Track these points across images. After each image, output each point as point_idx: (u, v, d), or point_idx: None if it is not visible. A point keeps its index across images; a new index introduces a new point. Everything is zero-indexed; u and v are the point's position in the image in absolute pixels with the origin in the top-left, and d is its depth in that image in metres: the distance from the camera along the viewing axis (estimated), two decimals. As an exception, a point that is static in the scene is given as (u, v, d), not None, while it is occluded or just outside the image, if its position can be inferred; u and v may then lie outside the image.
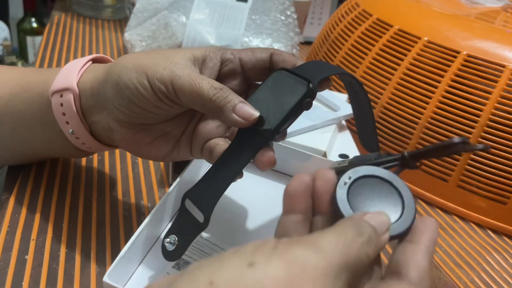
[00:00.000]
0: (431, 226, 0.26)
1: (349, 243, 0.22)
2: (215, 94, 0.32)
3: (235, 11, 0.71)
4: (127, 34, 0.69)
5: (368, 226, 0.24)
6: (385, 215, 0.26)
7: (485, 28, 0.59)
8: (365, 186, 0.27)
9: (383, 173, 0.28)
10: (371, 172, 0.28)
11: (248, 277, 0.19)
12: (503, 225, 0.52)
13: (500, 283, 0.46)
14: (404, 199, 0.27)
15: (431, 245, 0.26)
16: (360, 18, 0.67)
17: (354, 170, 0.27)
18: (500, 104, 0.52)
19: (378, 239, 0.24)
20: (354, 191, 0.27)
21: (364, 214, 0.25)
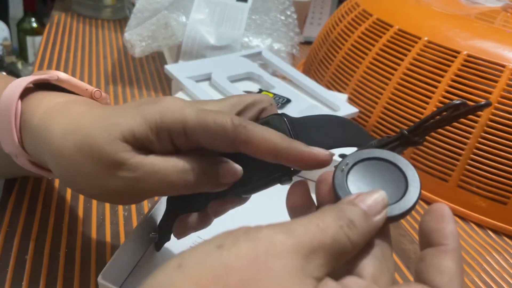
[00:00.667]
0: (444, 217, 0.24)
1: (325, 226, 0.21)
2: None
3: (235, 11, 0.71)
4: (127, 34, 0.69)
5: (351, 209, 0.23)
6: (380, 194, 0.24)
7: (485, 28, 0.59)
8: (364, 169, 0.26)
9: (383, 154, 0.26)
10: (371, 155, 0.26)
11: (215, 258, 0.19)
12: (503, 225, 0.52)
13: (500, 283, 0.46)
14: (408, 176, 0.25)
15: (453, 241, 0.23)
16: (360, 18, 0.67)
17: (352, 154, 0.26)
18: (500, 104, 0.52)
19: (366, 220, 0.23)
20: (354, 176, 0.26)
21: (357, 196, 0.24)
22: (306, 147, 0.27)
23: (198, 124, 0.28)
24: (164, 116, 0.28)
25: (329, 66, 0.69)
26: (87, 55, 0.82)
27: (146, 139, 0.28)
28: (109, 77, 0.75)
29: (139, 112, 0.29)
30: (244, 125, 0.28)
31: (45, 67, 0.75)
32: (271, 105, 0.33)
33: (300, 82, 0.63)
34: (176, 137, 0.29)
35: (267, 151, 0.27)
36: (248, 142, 0.27)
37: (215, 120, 0.28)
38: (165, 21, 0.68)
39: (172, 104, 0.29)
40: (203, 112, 0.28)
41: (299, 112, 0.56)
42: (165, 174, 0.28)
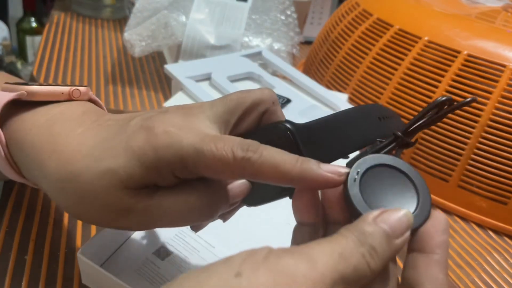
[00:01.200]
0: (441, 226, 0.24)
1: (347, 254, 0.20)
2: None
3: (235, 11, 0.71)
4: (126, 33, 0.69)
5: (372, 233, 0.21)
6: (405, 214, 0.22)
7: (486, 27, 0.59)
8: (374, 177, 0.25)
9: (388, 160, 0.26)
10: (377, 161, 0.25)
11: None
12: (504, 225, 0.52)
13: (501, 284, 0.45)
14: (415, 182, 0.25)
15: (444, 252, 0.23)
16: (360, 17, 0.67)
17: (359, 163, 0.25)
18: (500, 104, 0.52)
19: (389, 244, 0.22)
20: (366, 185, 0.25)
21: (381, 213, 0.22)
22: (318, 169, 0.24)
23: (199, 161, 0.25)
24: (160, 154, 0.25)
25: (329, 66, 0.69)
26: (87, 55, 0.81)
27: (147, 179, 0.26)
28: (108, 77, 0.75)
29: (131, 150, 0.26)
30: (248, 158, 0.24)
31: (45, 67, 0.75)
32: (273, 104, 0.30)
33: (300, 82, 0.63)
34: (178, 172, 0.26)
35: (277, 180, 0.25)
36: (255, 175, 0.25)
37: (215, 154, 0.25)
38: (165, 21, 0.68)
39: (167, 135, 0.26)
40: (203, 145, 0.25)
41: (300, 112, 0.56)
42: (177, 214, 0.27)
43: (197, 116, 0.27)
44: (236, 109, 0.29)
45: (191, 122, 0.27)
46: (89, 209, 0.27)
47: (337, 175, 0.24)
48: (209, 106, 0.28)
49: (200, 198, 0.27)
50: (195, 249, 0.38)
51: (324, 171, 0.24)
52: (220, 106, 0.28)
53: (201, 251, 0.38)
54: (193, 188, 0.27)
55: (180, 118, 0.27)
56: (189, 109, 0.28)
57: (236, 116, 0.29)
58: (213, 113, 0.28)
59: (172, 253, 0.37)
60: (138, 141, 0.26)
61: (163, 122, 0.26)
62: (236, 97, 0.29)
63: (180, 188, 0.27)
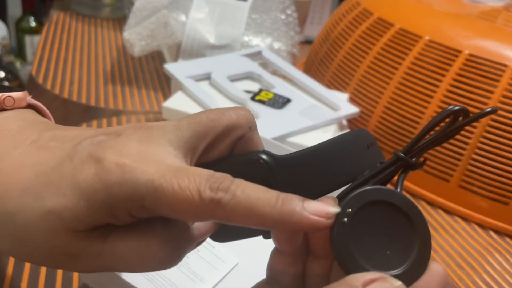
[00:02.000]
0: (436, 285, 0.21)
1: None
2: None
3: (235, 10, 0.70)
4: (126, 33, 0.69)
5: None
6: (396, 284, 0.20)
7: (487, 27, 0.58)
8: (367, 220, 0.22)
9: (385, 195, 0.22)
10: (371, 197, 0.22)
11: None
12: (505, 226, 0.52)
13: (501, 284, 0.45)
14: (416, 228, 0.22)
15: None
16: (361, 17, 0.66)
17: (350, 199, 0.22)
18: (502, 103, 0.51)
19: None
20: (356, 231, 0.21)
21: (370, 282, 0.20)
22: (302, 211, 0.20)
23: (159, 201, 0.21)
24: (112, 193, 0.21)
25: (329, 65, 0.69)
26: (86, 54, 0.81)
27: (98, 220, 0.22)
28: (108, 77, 0.74)
29: (78, 187, 0.21)
30: (218, 200, 0.20)
31: (44, 66, 0.75)
32: (250, 129, 0.25)
33: (300, 81, 0.63)
34: (135, 212, 0.22)
35: (252, 225, 0.21)
36: (226, 219, 0.21)
37: (177, 195, 0.20)
38: (165, 20, 0.68)
39: (120, 170, 0.21)
40: (163, 182, 0.21)
41: (300, 111, 0.56)
42: (135, 260, 0.23)
43: (157, 141, 0.23)
44: (206, 134, 0.24)
45: (150, 150, 0.22)
46: (31, 253, 0.23)
47: (325, 218, 0.21)
48: (173, 129, 0.24)
49: (162, 244, 0.23)
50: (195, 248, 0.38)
51: (309, 213, 0.20)
52: (186, 129, 0.24)
53: (201, 250, 0.38)
54: (154, 232, 0.23)
55: (137, 144, 0.22)
56: (148, 131, 0.23)
57: (205, 142, 0.24)
58: (178, 137, 0.23)
59: None
60: (86, 175, 0.21)
61: (115, 150, 0.22)
62: (207, 119, 0.24)
63: (139, 231, 0.23)
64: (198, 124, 0.24)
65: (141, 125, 0.24)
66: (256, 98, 0.57)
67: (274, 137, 0.49)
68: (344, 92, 0.64)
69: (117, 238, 0.23)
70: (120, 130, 0.24)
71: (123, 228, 0.23)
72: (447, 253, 0.48)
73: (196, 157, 0.24)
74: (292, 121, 0.54)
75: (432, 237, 0.50)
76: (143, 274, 0.34)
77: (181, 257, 0.24)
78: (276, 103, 0.56)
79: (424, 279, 0.21)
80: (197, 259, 0.38)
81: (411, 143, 0.24)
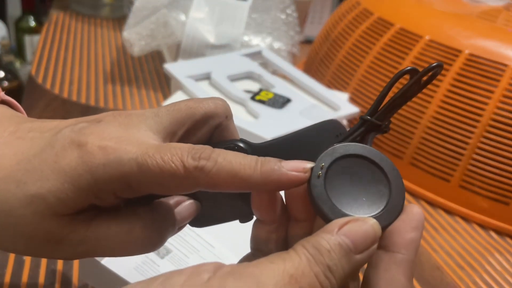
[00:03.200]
0: (412, 223, 0.21)
1: (298, 276, 0.18)
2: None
3: (235, 10, 0.70)
4: (126, 32, 0.69)
5: (329, 251, 0.19)
6: (371, 227, 0.20)
7: (487, 27, 0.58)
8: (341, 171, 0.23)
9: (356, 149, 0.23)
10: (343, 152, 0.23)
11: None
12: (506, 226, 0.52)
13: (502, 285, 0.45)
14: (389, 175, 0.23)
15: (411, 252, 0.21)
16: (361, 16, 0.66)
17: (323, 155, 0.23)
18: (502, 103, 0.51)
19: (349, 262, 0.20)
20: (331, 181, 0.22)
21: (345, 223, 0.20)
22: (281, 168, 0.22)
23: (144, 177, 0.21)
24: (97, 175, 0.21)
25: (329, 65, 0.69)
26: (86, 54, 0.81)
27: (82, 203, 0.22)
28: (107, 76, 0.74)
29: (62, 171, 0.22)
30: (202, 167, 0.21)
31: (43, 66, 0.75)
32: (227, 118, 0.27)
33: (300, 81, 0.63)
34: (120, 193, 0.22)
35: (236, 188, 0.22)
36: (211, 185, 0.22)
37: (162, 168, 0.21)
38: (165, 20, 0.68)
39: (104, 152, 0.22)
40: (147, 158, 0.21)
41: (300, 111, 0.56)
42: (118, 245, 0.23)
43: (137, 126, 0.24)
44: (185, 121, 0.25)
45: (130, 133, 0.23)
46: (13, 241, 0.23)
47: (302, 172, 0.22)
48: (152, 115, 0.25)
49: (145, 228, 0.24)
50: (195, 248, 0.38)
51: (287, 169, 0.22)
52: (165, 115, 0.25)
53: (201, 250, 0.38)
54: (138, 216, 0.24)
55: (117, 128, 0.23)
56: (127, 118, 0.24)
57: (184, 128, 0.25)
58: (157, 123, 0.24)
59: (171, 252, 0.37)
60: (69, 160, 0.22)
61: (97, 135, 0.22)
62: (186, 107, 0.25)
63: (122, 216, 0.24)
64: (177, 111, 0.25)
65: (120, 112, 0.25)
66: (256, 98, 0.57)
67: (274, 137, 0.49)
68: (344, 92, 0.64)
69: (100, 223, 0.23)
70: (99, 117, 0.24)
71: (107, 213, 0.23)
72: (447, 253, 0.48)
73: (174, 142, 0.25)
74: (292, 121, 0.54)
75: (433, 237, 0.50)
76: (144, 274, 0.34)
77: (163, 241, 0.25)
78: (276, 103, 0.56)
79: (400, 218, 0.22)
80: (197, 259, 0.37)
81: (374, 105, 0.25)
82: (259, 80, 0.63)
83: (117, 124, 0.24)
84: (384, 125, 0.25)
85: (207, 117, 0.26)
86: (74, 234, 0.23)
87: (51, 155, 0.22)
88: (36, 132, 0.24)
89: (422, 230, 0.22)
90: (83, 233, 0.23)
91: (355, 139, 0.25)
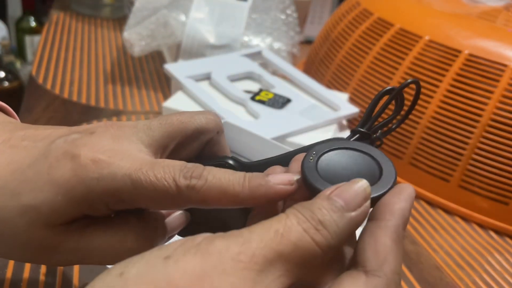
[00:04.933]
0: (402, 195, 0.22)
1: (284, 230, 0.19)
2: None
3: (235, 10, 0.70)
4: (126, 33, 0.69)
5: (321, 207, 0.20)
6: (361, 184, 0.21)
7: (487, 27, 0.58)
8: (333, 158, 0.24)
9: (346, 143, 0.25)
10: (335, 146, 0.24)
11: (159, 270, 0.17)
12: (505, 226, 0.52)
13: (502, 284, 0.45)
14: (378, 158, 0.24)
15: (397, 218, 0.21)
16: (361, 17, 0.66)
17: (317, 147, 0.24)
18: (502, 103, 0.51)
19: (342, 218, 0.20)
20: (324, 165, 0.23)
21: (335, 188, 0.21)
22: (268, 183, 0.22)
23: (137, 193, 0.22)
24: (91, 188, 0.22)
25: (329, 65, 0.69)
26: (86, 54, 0.81)
27: (75, 214, 0.23)
28: (108, 77, 0.74)
29: (55, 183, 0.22)
30: (193, 186, 0.22)
31: (44, 66, 0.75)
32: (218, 134, 0.27)
33: (300, 81, 0.63)
34: (113, 205, 0.23)
35: (226, 204, 0.23)
36: (201, 202, 0.22)
37: (155, 185, 0.22)
38: (165, 20, 0.68)
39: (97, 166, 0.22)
40: (140, 175, 0.22)
41: (300, 111, 0.56)
42: (111, 254, 0.24)
43: (129, 138, 0.24)
44: (176, 135, 0.26)
45: (123, 146, 0.24)
46: (9, 248, 0.23)
47: (289, 184, 0.22)
48: (144, 128, 0.25)
49: (137, 238, 0.24)
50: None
51: (274, 183, 0.22)
52: (157, 129, 0.25)
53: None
54: (129, 226, 0.24)
55: (110, 141, 0.24)
56: (120, 129, 0.25)
57: (175, 142, 0.26)
58: (149, 136, 0.25)
59: None
60: (63, 172, 0.22)
61: (90, 147, 0.23)
62: (177, 121, 0.26)
63: (115, 226, 0.24)
64: (169, 125, 0.25)
65: (112, 123, 0.25)
66: (256, 98, 0.57)
67: (274, 137, 0.49)
68: (344, 92, 0.64)
69: (93, 233, 0.24)
70: (92, 128, 0.25)
71: (100, 223, 0.24)
72: (447, 253, 0.48)
73: (165, 156, 0.26)
74: (292, 121, 0.54)
75: (432, 237, 0.50)
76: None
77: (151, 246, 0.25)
78: (276, 103, 0.56)
79: (390, 193, 0.22)
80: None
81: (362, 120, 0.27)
82: (259, 80, 0.63)
83: (110, 136, 0.24)
84: (374, 136, 0.27)
85: (199, 133, 0.26)
86: (67, 243, 0.23)
87: (45, 166, 0.23)
88: (29, 141, 0.24)
89: (411, 202, 0.22)
90: (76, 242, 0.23)
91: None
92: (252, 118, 0.55)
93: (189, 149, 0.27)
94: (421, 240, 0.49)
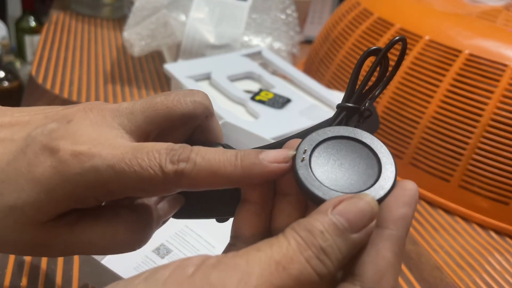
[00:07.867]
0: (404, 198, 0.20)
1: (286, 262, 0.17)
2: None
3: (235, 10, 0.70)
4: (126, 33, 0.69)
5: (323, 232, 0.18)
6: (367, 203, 0.19)
7: (487, 27, 0.58)
8: (326, 152, 0.22)
9: (339, 131, 0.22)
10: (327, 135, 0.22)
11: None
12: (506, 226, 0.52)
13: (502, 284, 0.45)
14: (377, 151, 0.22)
15: (401, 228, 0.20)
16: (361, 17, 0.66)
17: (306, 140, 0.22)
18: (502, 103, 0.51)
19: (345, 242, 0.18)
20: (318, 164, 0.21)
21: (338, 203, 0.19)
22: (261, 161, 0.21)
23: (123, 184, 0.21)
24: (73, 184, 0.21)
25: (329, 65, 0.69)
26: (86, 54, 0.81)
27: (62, 209, 0.22)
28: (108, 76, 0.74)
29: (37, 181, 0.21)
30: (181, 170, 0.21)
31: (44, 66, 0.75)
32: (207, 118, 0.25)
33: (300, 81, 0.63)
34: (101, 198, 0.22)
35: (219, 186, 0.21)
36: (192, 186, 0.21)
37: (141, 175, 0.21)
38: (165, 20, 0.68)
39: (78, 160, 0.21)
40: (124, 165, 0.21)
41: (300, 111, 0.56)
42: (103, 247, 0.23)
43: (110, 124, 0.23)
44: (161, 121, 0.24)
45: (103, 134, 0.22)
46: (1, 246, 0.23)
47: (284, 161, 0.21)
48: (126, 112, 0.24)
49: (129, 229, 0.23)
50: (195, 248, 0.38)
51: (268, 161, 0.21)
52: (140, 114, 0.24)
53: (201, 250, 0.38)
54: (120, 217, 0.24)
55: (89, 129, 0.22)
56: (99, 113, 0.23)
57: (159, 128, 0.24)
58: (131, 121, 0.23)
59: (171, 252, 0.37)
60: (43, 169, 0.21)
61: (68, 138, 0.22)
62: (162, 106, 0.24)
63: (105, 218, 0.23)
64: (153, 110, 0.24)
65: (92, 106, 0.23)
66: (256, 98, 0.57)
67: (274, 137, 0.49)
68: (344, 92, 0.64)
69: (84, 227, 0.23)
70: (69, 115, 0.23)
71: (90, 215, 0.23)
72: (447, 253, 0.48)
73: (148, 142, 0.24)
74: (292, 121, 0.54)
75: (432, 237, 0.50)
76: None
77: (147, 238, 0.25)
78: (276, 103, 0.56)
79: (392, 193, 0.20)
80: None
81: (347, 91, 0.24)
82: (259, 80, 0.63)
83: (89, 123, 0.23)
84: (363, 108, 0.24)
85: (186, 118, 0.25)
86: (59, 239, 0.22)
87: (24, 163, 0.22)
88: (6, 131, 0.23)
89: (414, 206, 0.20)
90: (67, 237, 0.23)
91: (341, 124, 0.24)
92: (252, 118, 0.54)
93: (175, 134, 0.25)
94: (422, 240, 0.49)
